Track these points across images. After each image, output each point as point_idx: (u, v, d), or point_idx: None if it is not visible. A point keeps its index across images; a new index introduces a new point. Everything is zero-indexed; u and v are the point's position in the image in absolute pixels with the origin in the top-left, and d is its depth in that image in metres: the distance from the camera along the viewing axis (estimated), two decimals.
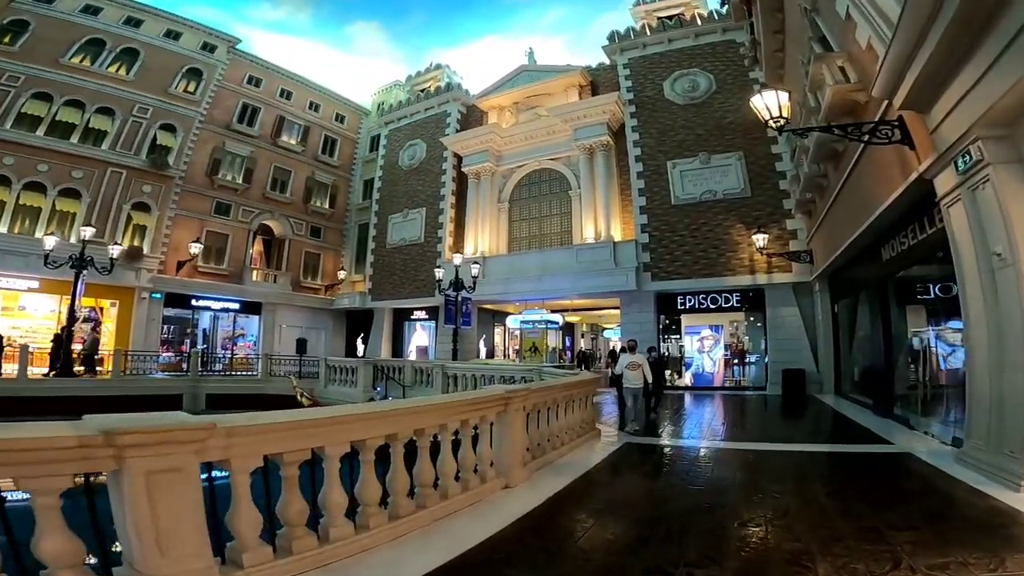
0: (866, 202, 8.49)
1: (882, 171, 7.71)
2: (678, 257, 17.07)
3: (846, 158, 9.34)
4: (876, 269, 9.91)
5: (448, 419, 4.42)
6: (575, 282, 18.43)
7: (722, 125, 17.68)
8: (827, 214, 11.62)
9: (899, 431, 8.28)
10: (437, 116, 26.82)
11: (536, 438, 6.29)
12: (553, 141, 22.14)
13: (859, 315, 12.72)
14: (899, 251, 8.39)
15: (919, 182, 6.52)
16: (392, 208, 26.21)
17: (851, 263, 11.48)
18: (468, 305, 17.72)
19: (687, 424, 10.06)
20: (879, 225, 8.50)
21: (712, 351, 18.18)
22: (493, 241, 22.22)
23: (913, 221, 7.54)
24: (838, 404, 12.32)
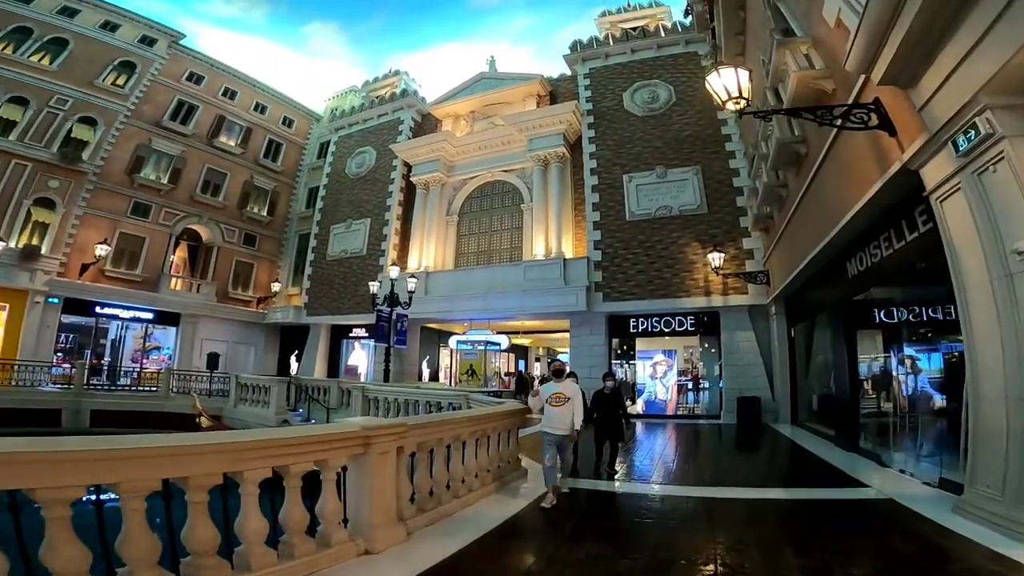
0: (832, 210, 7.49)
1: (852, 170, 6.70)
2: (631, 276, 16.00)
3: (809, 161, 8.40)
4: (839, 289, 8.95)
5: (242, 465, 2.87)
6: (522, 301, 17.08)
7: (680, 138, 16.99)
8: (786, 229, 10.71)
9: (870, 469, 7.16)
10: (390, 123, 25.51)
11: (426, 486, 4.77)
12: (507, 152, 21.09)
13: (817, 340, 11.84)
14: (869, 264, 7.39)
15: (901, 176, 5.46)
16: (335, 218, 24.46)
17: (811, 282, 10.56)
18: (404, 323, 16.08)
19: (633, 460, 8.67)
20: (846, 235, 7.49)
21: (665, 377, 17.06)
22: (439, 256, 20.71)
23: (888, 227, 6.52)
24: (796, 435, 11.28)
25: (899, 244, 6.33)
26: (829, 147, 7.29)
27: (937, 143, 4.65)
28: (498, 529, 4.67)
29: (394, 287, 15.72)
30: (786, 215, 10.40)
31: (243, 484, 3.05)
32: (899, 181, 5.59)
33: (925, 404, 7.30)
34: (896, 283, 7.61)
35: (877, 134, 5.81)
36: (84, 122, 21.66)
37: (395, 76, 30.47)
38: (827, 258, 8.74)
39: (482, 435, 5.77)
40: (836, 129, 7.00)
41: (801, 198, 9.05)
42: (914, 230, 5.89)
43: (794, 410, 13.13)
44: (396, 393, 11.55)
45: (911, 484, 6.02)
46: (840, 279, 8.69)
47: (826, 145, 7.37)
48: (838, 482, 6.48)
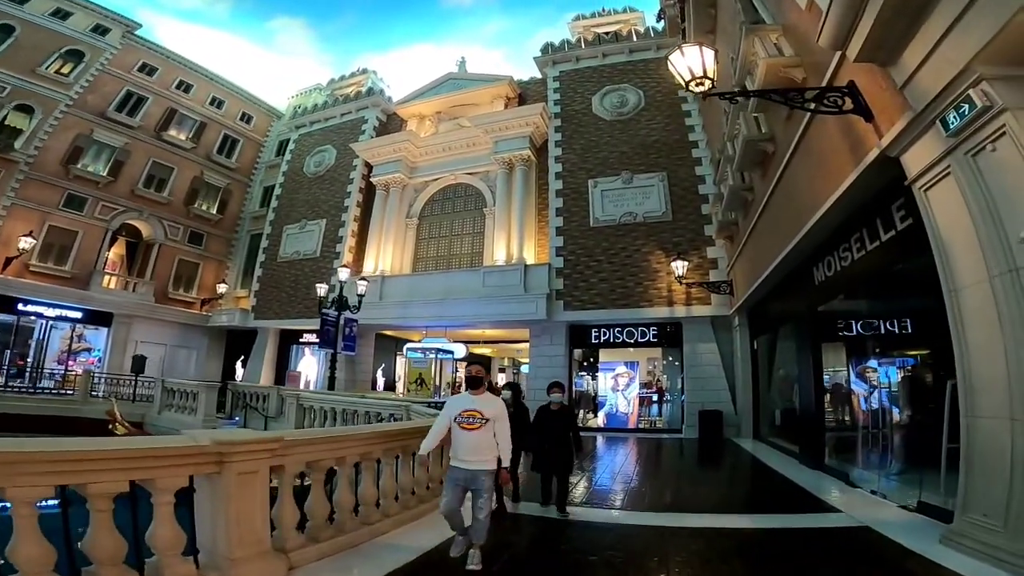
0: (800, 210, 6.99)
1: (823, 165, 6.19)
2: (594, 285, 15.39)
3: (776, 160, 7.92)
4: (804, 298, 8.48)
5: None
6: (480, 308, 16.25)
7: (647, 143, 16.61)
8: (751, 235, 10.27)
9: (838, 489, 6.59)
10: (353, 122, 24.57)
11: (322, 511, 3.89)
12: (472, 154, 20.40)
13: (780, 352, 11.43)
14: (838, 269, 6.89)
15: (878, 165, 4.93)
16: (289, 218, 23.21)
17: (775, 292, 10.11)
18: (353, 328, 15.02)
19: (587, 480, 7.91)
20: (815, 237, 6.99)
21: (627, 390, 16.49)
22: (397, 260, 19.73)
23: (861, 227, 6.01)
24: (758, 450, 10.78)
25: (872, 245, 5.82)
26: (798, 142, 6.80)
27: (922, 123, 4.12)
28: (411, 565, 3.83)
29: (343, 290, 14.67)
30: (751, 221, 9.95)
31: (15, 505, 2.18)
32: (875, 172, 5.07)
33: (894, 420, 6.83)
34: (866, 291, 7.16)
35: (851, 123, 5.31)
36: (20, 110, 20.29)
37: (362, 75, 29.52)
38: (793, 264, 8.27)
39: (404, 452, 4.91)
40: (805, 123, 6.55)
41: (767, 201, 8.58)
42: (890, 228, 5.37)
43: (756, 424, 12.70)
44: (332, 402, 10.54)
45: (886, 508, 5.43)
46: (806, 287, 8.22)
47: (794, 140, 6.88)
48: (806, 506, 5.86)
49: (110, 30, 23.65)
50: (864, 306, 8.06)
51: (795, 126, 6.95)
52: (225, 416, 14.42)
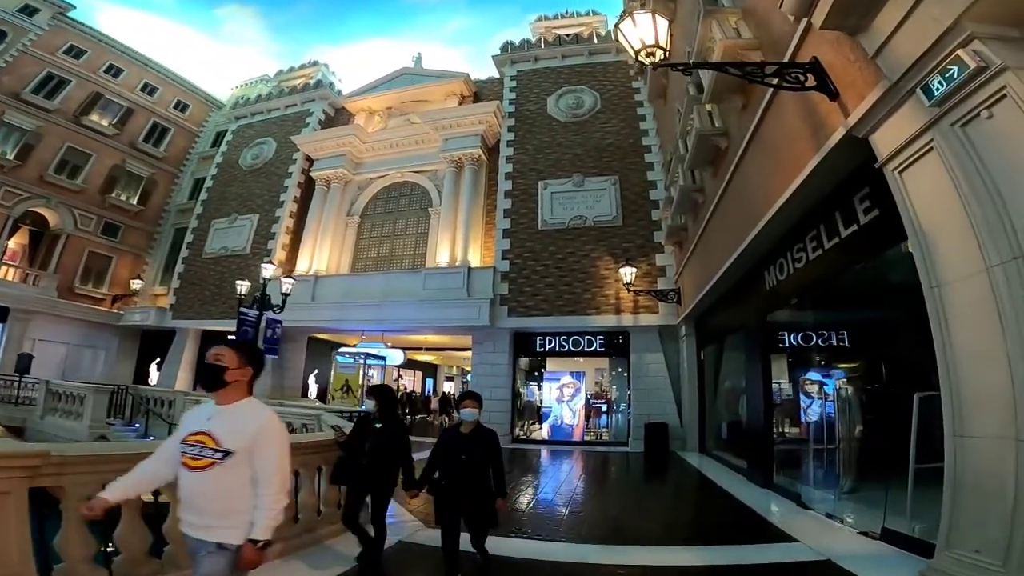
0: (753, 207, 6.48)
1: (780, 155, 5.68)
2: (540, 291, 14.70)
3: (729, 156, 7.45)
4: (754, 305, 8.02)
5: None
6: (420, 312, 15.23)
7: (601, 146, 16.19)
8: (700, 240, 9.82)
9: (791, 512, 6.03)
10: (297, 115, 23.20)
11: (138, 543, 2.89)
12: (420, 152, 19.48)
13: (726, 363, 11.08)
14: (791, 271, 6.40)
15: (843, 148, 4.40)
16: (219, 211, 21.46)
17: (724, 299, 9.68)
18: (276, 330, 13.70)
19: (520, 500, 7.09)
20: (768, 236, 6.48)
21: (572, 401, 15.82)
22: (334, 259, 18.45)
23: (819, 222, 5.50)
24: (704, 465, 10.29)
25: (831, 243, 5.31)
26: (752, 134, 6.30)
27: (898, 95, 3.57)
28: None
29: (266, 288, 13.34)
30: (700, 224, 9.50)
31: None
32: (839, 157, 4.54)
33: (849, 435, 6.37)
34: (821, 296, 6.72)
35: (813, 106, 4.80)
36: None
37: (312, 67, 27.92)
38: (743, 268, 7.80)
39: (309, 465, 3.94)
40: (761, 112, 6.05)
41: (718, 202, 8.11)
42: (852, 223, 4.86)
43: (702, 438, 12.29)
44: None
45: (845, 536, 4.86)
46: (756, 293, 7.76)
47: (748, 133, 6.38)
48: (758, 534, 5.24)
49: (39, 11, 22.06)
50: (816, 314, 7.70)
51: (750, 117, 6.47)
52: (123, 422, 12.79)
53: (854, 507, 5.58)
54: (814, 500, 6.14)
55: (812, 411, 7.48)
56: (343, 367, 12.53)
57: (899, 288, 6.94)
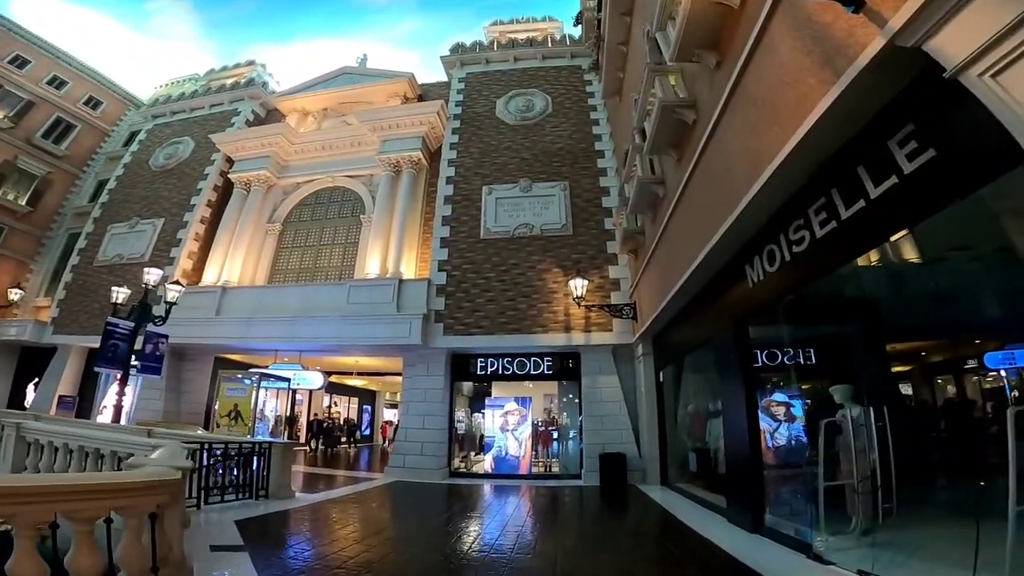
0: (731, 186, 5.03)
1: (771, 109, 4.23)
2: (480, 306, 12.96)
3: (697, 132, 6.05)
4: (726, 312, 6.56)
5: None
6: (343, 329, 13.15)
7: (551, 150, 14.87)
8: (660, 243, 8.39)
9: (805, 569, 4.39)
10: (223, 114, 21.01)
11: None
12: (356, 155, 17.70)
13: (689, 384, 9.62)
14: (788, 258, 4.89)
15: (876, 71, 2.95)
16: (120, 215, 18.80)
17: (687, 312, 8.24)
18: (160, 345, 11.38)
19: (448, 551, 5.17)
20: (752, 220, 5.03)
21: (518, 429, 14.00)
22: (249, 270, 16.16)
23: (832, 186, 4.02)
24: (669, 501, 8.72)
25: (852, 209, 3.81)
26: (733, 88, 4.88)
27: None
28: None
29: (147, 296, 11.08)
30: (661, 223, 8.07)
31: None
32: (868, 85, 3.09)
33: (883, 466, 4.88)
34: (829, 291, 5.26)
35: (821, 30, 3.40)
36: None
37: (247, 66, 25.77)
38: (714, 268, 6.35)
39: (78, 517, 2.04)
40: (742, 64, 4.64)
41: (684, 188, 6.68)
42: (888, 175, 3.38)
43: (663, 469, 10.74)
44: (71, 436, 7.06)
45: None
46: (733, 294, 6.28)
47: (727, 88, 4.96)
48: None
49: None
50: (816, 318, 6.25)
51: (725, 75, 5.10)
52: None
53: (897, 559, 4.00)
54: (832, 549, 4.53)
55: (779, 435, 6.50)
56: (231, 390, 10.29)
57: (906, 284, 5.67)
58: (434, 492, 10.26)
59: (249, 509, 7.40)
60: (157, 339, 11.29)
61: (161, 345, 11.42)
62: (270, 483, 8.22)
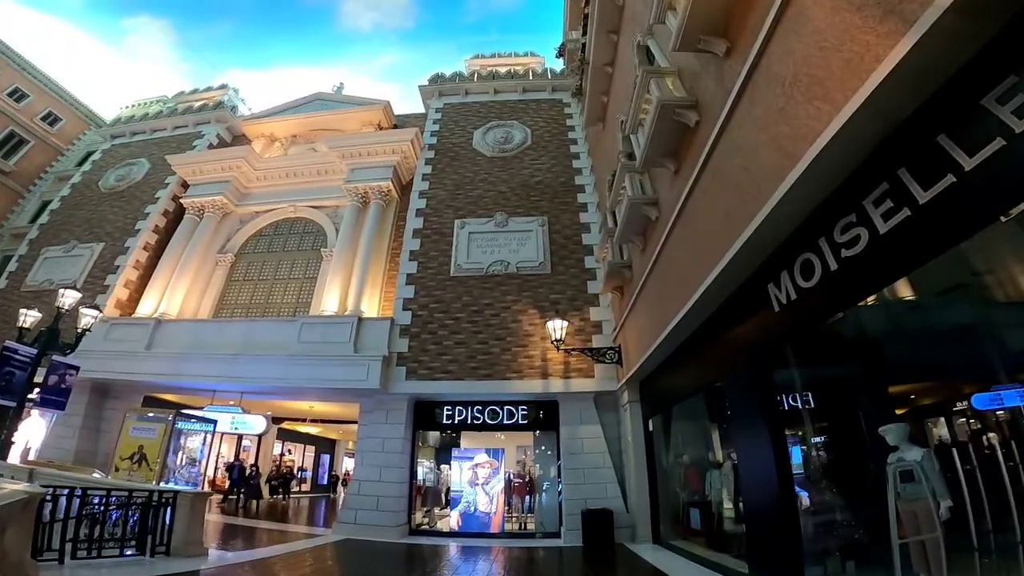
0: (756, 177, 4.12)
1: (813, 75, 3.33)
2: (448, 349, 11.70)
3: (702, 131, 5.18)
4: (745, 343, 5.46)
5: None
6: (291, 370, 11.64)
7: (529, 184, 14.09)
8: (650, 277, 7.42)
9: None
10: (185, 137, 19.93)
11: None
12: (322, 184, 16.67)
13: (682, 432, 8.51)
14: (836, 267, 3.81)
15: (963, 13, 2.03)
16: (58, 238, 17.18)
17: (682, 353, 7.15)
18: (67, 378, 9.78)
19: None
20: (783, 217, 4.02)
21: (489, 484, 12.49)
22: (192, 302, 14.60)
23: (897, 164, 3.05)
24: (666, 564, 7.39)
25: (932, 191, 2.80)
26: (752, 68, 4.04)
27: None
28: None
29: (59, 321, 9.58)
30: (653, 251, 7.11)
31: None
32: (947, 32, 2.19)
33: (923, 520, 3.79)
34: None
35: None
36: None
37: (220, 90, 24.73)
38: (730, 288, 5.25)
39: None
40: (762, 41, 3.79)
41: (684, 202, 5.76)
42: (985, 140, 2.42)
43: (655, 525, 9.37)
44: None
45: None
46: (751, 322, 5.20)
47: (743, 71, 4.13)
48: None
49: None
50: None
51: (740, 59, 4.28)
52: None
53: None
54: None
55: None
56: (137, 430, 8.57)
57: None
58: (388, 553, 8.74)
59: (135, 569, 5.95)
60: (64, 370, 9.69)
61: (68, 377, 9.80)
62: (173, 538, 6.66)
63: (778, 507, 4.81)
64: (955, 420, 6.46)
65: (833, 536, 5.29)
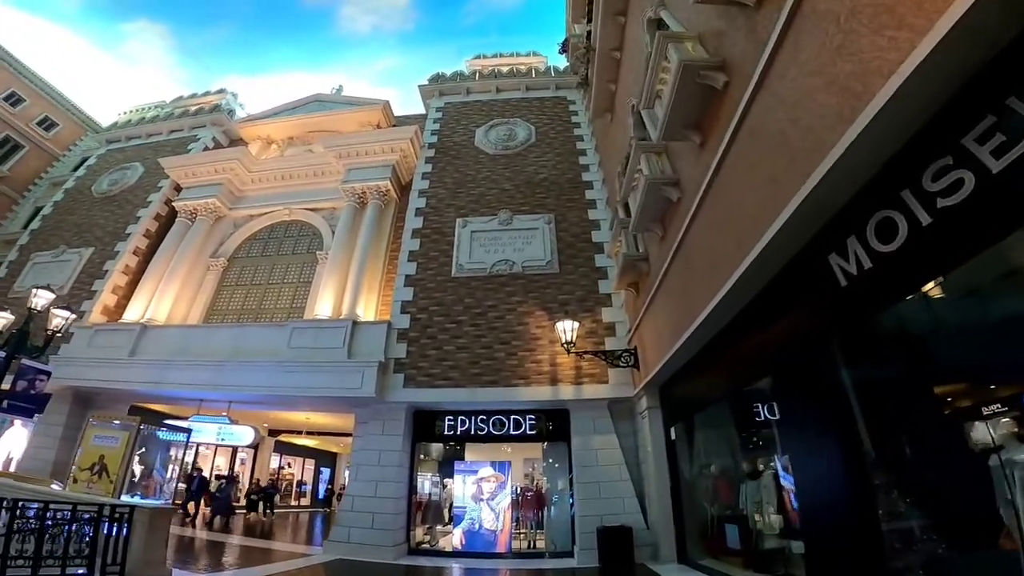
0: (825, 115, 3.34)
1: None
2: (449, 354, 10.91)
3: (733, 92, 4.42)
4: (798, 328, 4.63)
5: None
6: (280, 377, 10.86)
7: (534, 181, 13.38)
8: (674, 262, 6.60)
9: None
10: (180, 141, 19.39)
11: None
12: (318, 186, 16.06)
13: (709, 441, 7.61)
14: (928, 221, 3.02)
15: None
16: (48, 243, 16.60)
17: (721, 343, 6.16)
18: (37, 383, 9.08)
19: None
20: (862, 161, 3.24)
21: (495, 499, 11.60)
22: (181, 308, 13.91)
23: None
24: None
25: None
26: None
27: None
28: None
29: (31, 323, 8.94)
30: (675, 237, 6.30)
31: None
32: None
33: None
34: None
35: None
36: None
37: (218, 94, 24.29)
38: (777, 264, 4.40)
39: None
40: None
41: (716, 171, 4.98)
42: None
43: (680, 542, 8.39)
44: None
45: None
46: (805, 304, 4.35)
47: (790, 2, 3.36)
48: None
49: None
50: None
51: (777, 2, 3.51)
52: None
53: None
54: None
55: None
56: (100, 438, 7.76)
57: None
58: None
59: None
60: (34, 375, 8.98)
61: (39, 383, 9.09)
62: (128, 557, 5.85)
63: (850, 520, 3.97)
64: None
65: (912, 551, 4.41)
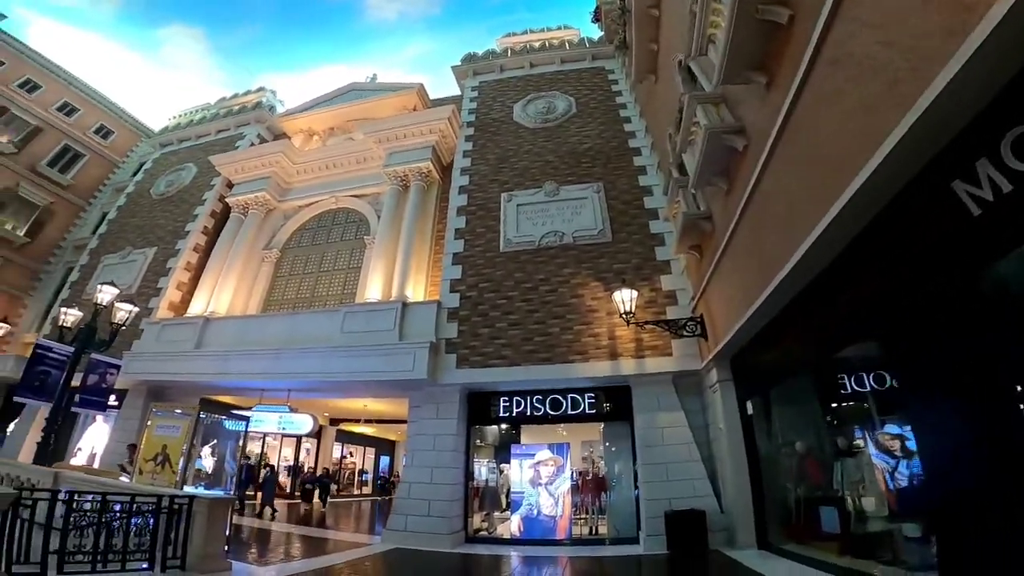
0: (930, 42, 2.68)
1: None
2: (501, 332, 10.57)
3: (803, 21, 3.73)
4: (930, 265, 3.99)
5: None
6: (333, 362, 10.86)
7: (578, 151, 12.82)
8: (744, 214, 5.93)
9: None
10: (228, 139, 19.94)
11: None
12: (361, 172, 16.06)
13: (783, 416, 6.94)
14: None
15: None
16: (115, 246, 17.42)
17: (808, 299, 5.47)
18: (107, 376, 9.41)
19: None
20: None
21: (553, 484, 11.25)
22: (240, 300, 14.25)
23: None
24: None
25: None
26: None
27: None
28: None
29: (96, 314, 9.23)
30: (745, 187, 5.63)
31: None
32: None
33: None
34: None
35: None
36: None
37: (257, 92, 24.84)
38: (888, 194, 3.69)
39: None
40: None
41: (789, 113, 4.32)
42: None
43: (761, 526, 7.70)
44: None
45: None
46: (925, 235, 3.66)
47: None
48: None
49: None
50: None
51: None
52: None
53: None
54: None
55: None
56: (162, 428, 7.88)
57: None
58: (442, 567, 7.71)
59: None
60: (104, 368, 9.30)
61: (109, 376, 9.43)
62: (189, 551, 5.83)
63: (999, 501, 3.33)
64: None
65: None
